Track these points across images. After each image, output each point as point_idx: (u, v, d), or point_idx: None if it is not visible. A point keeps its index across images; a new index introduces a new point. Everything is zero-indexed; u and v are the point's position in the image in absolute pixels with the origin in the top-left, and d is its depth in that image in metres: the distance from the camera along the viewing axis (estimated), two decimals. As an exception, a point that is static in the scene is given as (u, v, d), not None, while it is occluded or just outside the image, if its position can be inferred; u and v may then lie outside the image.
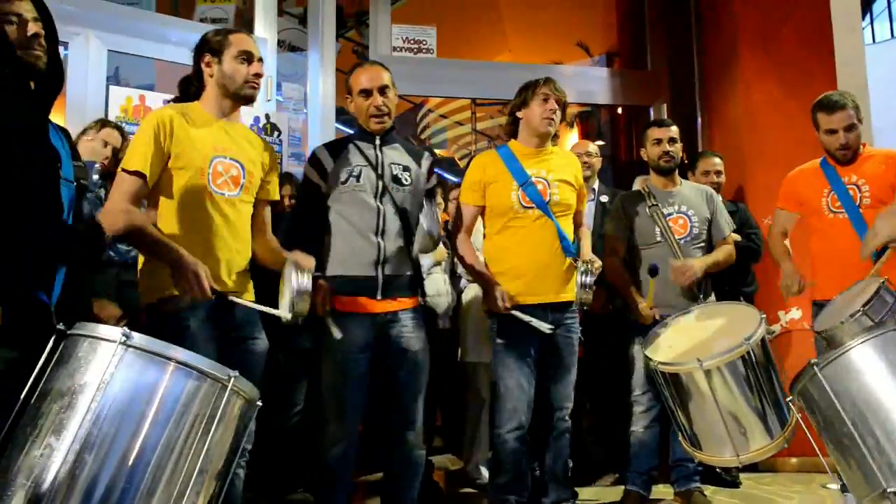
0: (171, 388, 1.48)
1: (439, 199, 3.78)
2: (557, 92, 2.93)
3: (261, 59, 2.35)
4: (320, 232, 2.65)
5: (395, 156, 2.72)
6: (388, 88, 2.68)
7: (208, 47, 2.31)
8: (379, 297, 2.58)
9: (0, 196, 1.46)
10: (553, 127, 2.94)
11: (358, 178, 2.62)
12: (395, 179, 2.67)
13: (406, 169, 2.71)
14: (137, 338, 1.47)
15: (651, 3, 5.61)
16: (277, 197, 2.57)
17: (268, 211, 2.51)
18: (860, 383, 1.67)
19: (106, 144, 3.12)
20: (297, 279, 2.12)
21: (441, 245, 3.83)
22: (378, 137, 2.70)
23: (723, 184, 4.00)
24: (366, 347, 2.56)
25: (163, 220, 2.21)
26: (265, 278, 2.43)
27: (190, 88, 2.38)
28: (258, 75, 2.33)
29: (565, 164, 3.02)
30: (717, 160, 4.03)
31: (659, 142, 3.30)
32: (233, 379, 1.53)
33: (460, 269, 3.81)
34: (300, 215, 2.79)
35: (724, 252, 3.27)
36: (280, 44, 5.56)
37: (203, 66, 2.32)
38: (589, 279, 2.76)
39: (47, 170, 1.60)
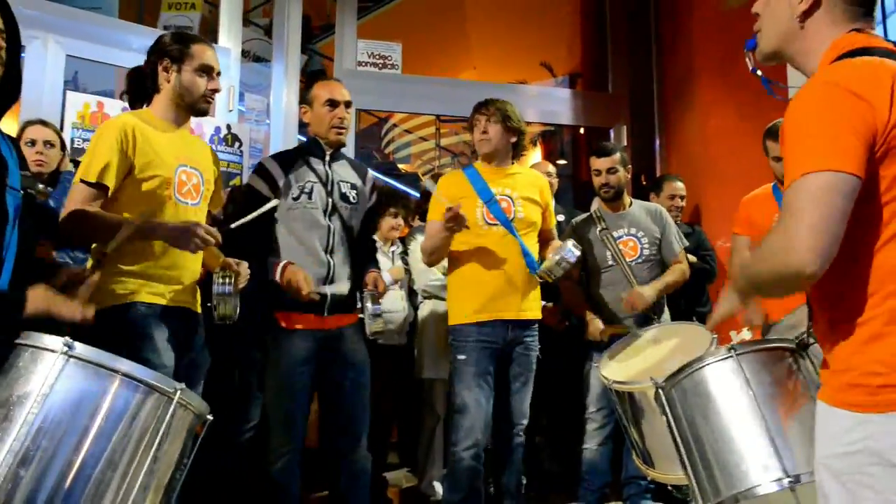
0: (114, 401, 1.45)
1: (396, 217, 3.80)
2: (486, 113, 2.95)
3: (219, 73, 2.33)
4: (265, 246, 2.65)
5: (343, 173, 2.77)
6: (350, 106, 2.75)
7: (168, 53, 2.26)
8: (325, 314, 2.62)
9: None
10: (488, 147, 2.96)
11: (310, 195, 2.64)
12: (344, 197, 2.71)
13: (353, 187, 2.77)
14: (80, 348, 1.42)
15: (613, 26, 5.73)
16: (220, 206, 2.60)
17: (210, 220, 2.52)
18: (692, 408, 1.78)
19: (33, 143, 3.04)
20: (216, 284, 2.19)
21: (399, 263, 3.84)
22: (328, 153, 2.73)
23: (683, 207, 4.09)
24: (309, 361, 2.59)
25: None
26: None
27: (143, 83, 2.31)
28: (215, 91, 2.30)
29: (531, 183, 3.05)
30: (681, 184, 4.12)
31: (599, 173, 3.33)
32: (179, 392, 1.50)
33: (417, 286, 3.82)
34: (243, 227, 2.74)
35: (675, 273, 3.30)
36: (245, 54, 5.53)
37: (160, 69, 2.27)
38: (569, 255, 2.76)
39: None
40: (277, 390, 2.62)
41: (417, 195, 4.76)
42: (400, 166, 9.90)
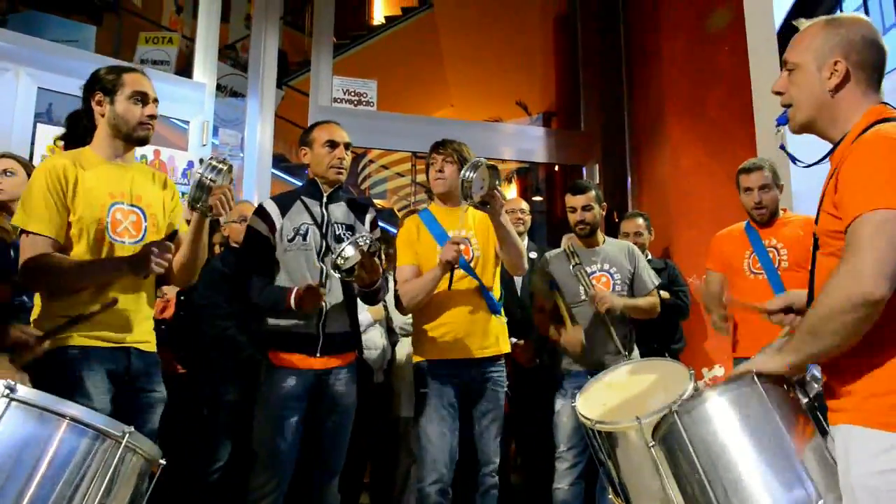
0: (60, 446, 1.39)
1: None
2: (442, 153, 2.95)
3: (156, 100, 2.29)
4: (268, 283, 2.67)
5: (340, 214, 2.80)
6: (349, 147, 2.82)
7: (100, 86, 2.23)
8: (318, 355, 2.62)
9: None
10: (443, 186, 2.96)
11: (304, 236, 2.68)
12: (339, 239, 2.72)
13: (350, 228, 2.78)
14: (23, 391, 1.37)
15: (585, 67, 5.84)
16: (185, 229, 2.49)
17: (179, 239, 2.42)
18: (714, 433, 1.74)
19: None
20: (206, 168, 2.13)
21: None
22: (325, 195, 2.77)
23: (646, 244, 4.04)
24: (300, 399, 2.58)
25: None
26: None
27: (79, 125, 2.29)
28: (152, 116, 2.26)
29: (483, 218, 2.99)
30: (640, 221, 4.08)
31: (574, 210, 3.33)
32: (127, 435, 1.45)
33: (395, 324, 3.78)
34: (249, 266, 2.73)
35: (647, 300, 3.27)
36: (223, 89, 5.55)
37: (94, 104, 2.24)
38: (471, 174, 2.51)
39: None
40: (266, 429, 2.58)
41: (394, 231, 4.73)
42: (376, 202, 9.91)
